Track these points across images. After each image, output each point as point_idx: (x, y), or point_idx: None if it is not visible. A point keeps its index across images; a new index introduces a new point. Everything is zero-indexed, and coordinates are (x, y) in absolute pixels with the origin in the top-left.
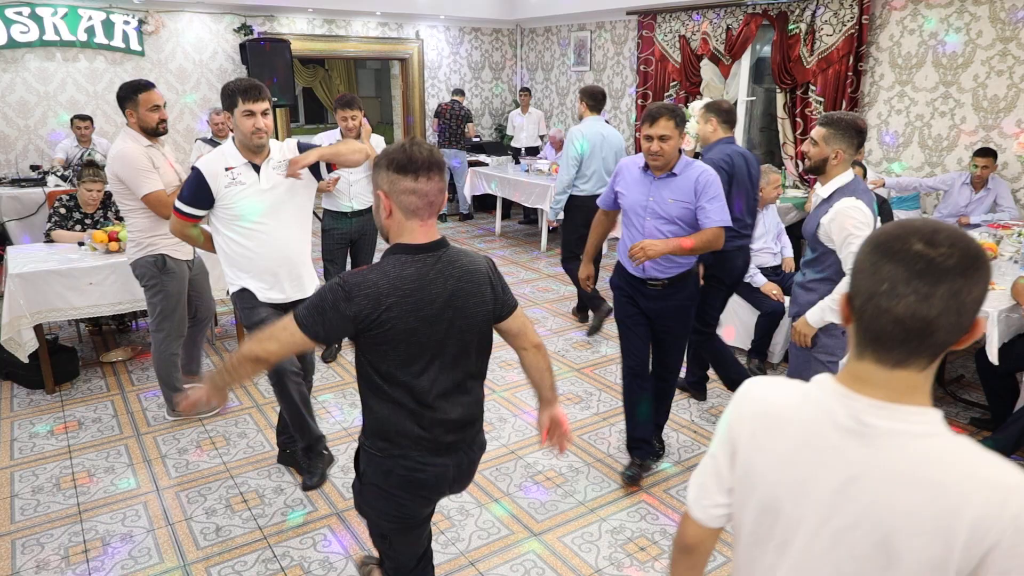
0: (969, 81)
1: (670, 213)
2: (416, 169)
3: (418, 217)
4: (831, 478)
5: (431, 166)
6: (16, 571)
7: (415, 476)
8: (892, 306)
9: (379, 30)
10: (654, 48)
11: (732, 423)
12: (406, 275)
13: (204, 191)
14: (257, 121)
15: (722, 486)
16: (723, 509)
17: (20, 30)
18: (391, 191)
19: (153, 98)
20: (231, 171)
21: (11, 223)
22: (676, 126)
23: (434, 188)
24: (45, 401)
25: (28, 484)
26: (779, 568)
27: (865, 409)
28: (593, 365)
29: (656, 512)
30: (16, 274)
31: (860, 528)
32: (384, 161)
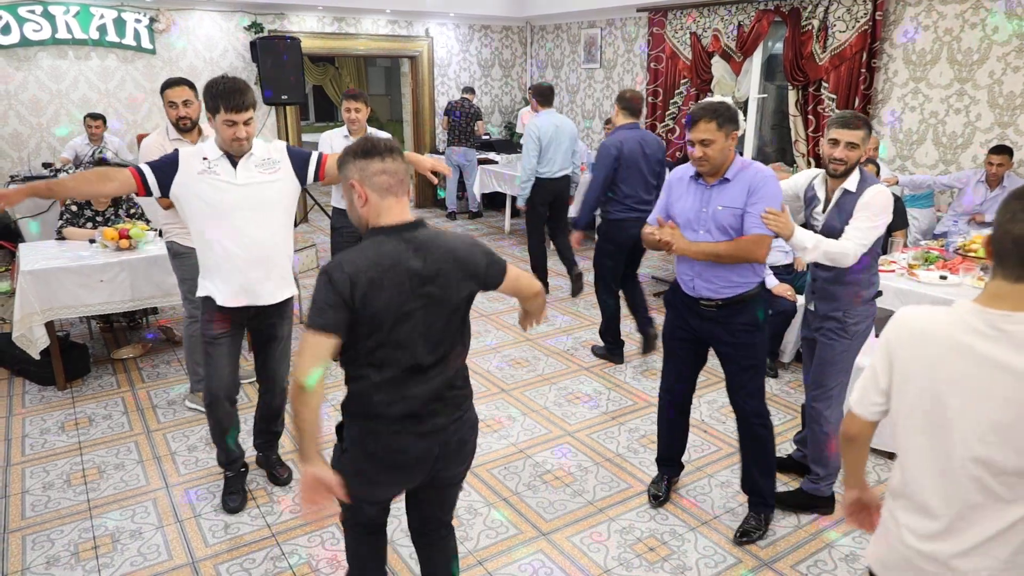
0: (985, 78)
1: (721, 223)
2: (380, 152)
3: (392, 194)
4: (974, 376)
5: (392, 149)
6: (27, 567)
7: (397, 458)
8: (1011, 228)
9: (389, 28)
10: (665, 45)
11: (890, 340)
12: (384, 251)
13: (172, 166)
14: (239, 131)
15: (879, 389)
16: (880, 407)
17: (33, 28)
18: (363, 177)
19: (171, 95)
20: (207, 161)
21: (23, 220)
22: (719, 127)
23: (400, 168)
24: (56, 398)
25: (39, 480)
26: (934, 449)
27: (998, 318)
28: (602, 364)
29: (666, 512)
30: (28, 271)
31: (1000, 411)
32: (349, 154)
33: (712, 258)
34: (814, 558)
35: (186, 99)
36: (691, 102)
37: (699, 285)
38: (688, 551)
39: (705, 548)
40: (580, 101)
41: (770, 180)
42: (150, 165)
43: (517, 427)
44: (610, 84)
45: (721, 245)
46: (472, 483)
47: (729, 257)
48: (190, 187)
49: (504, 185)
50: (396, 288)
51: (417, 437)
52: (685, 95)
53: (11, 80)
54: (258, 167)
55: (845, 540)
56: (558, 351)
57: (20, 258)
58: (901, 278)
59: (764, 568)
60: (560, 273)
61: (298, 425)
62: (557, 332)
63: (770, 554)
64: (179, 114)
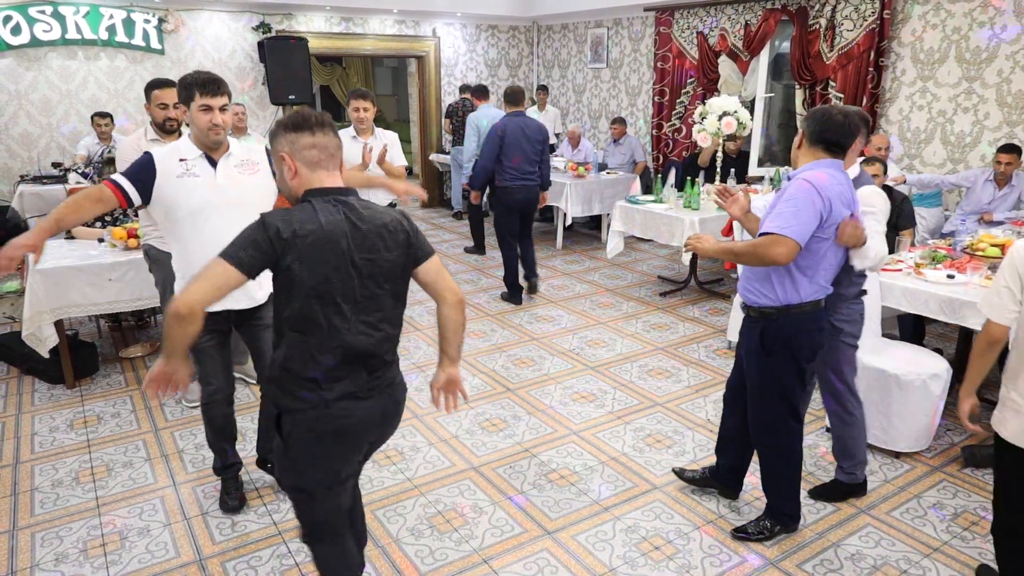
0: (993, 76)
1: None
2: (311, 125)
3: (323, 168)
4: None
5: (323, 123)
6: (36, 563)
7: (340, 423)
8: None
9: (396, 28)
10: (671, 45)
11: (1016, 262)
12: (318, 213)
13: (148, 172)
14: (214, 116)
15: (1014, 299)
16: (1014, 314)
17: (43, 29)
18: (293, 150)
19: (162, 96)
20: (184, 162)
21: (33, 220)
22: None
23: (331, 141)
24: (65, 396)
25: (48, 478)
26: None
27: None
28: (608, 363)
29: (671, 511)
30: (37, 270)
31: None
32: (280, 126)
33: (729, 256)
34: (820, 557)
35: (176, 102)
36: (697, 102)
37: (739, 284)
38: (693, 550)
39: (710, 547)
40: (587, 101)
41: (797, 188)
42: (126, 176)
43: (522, 426)
44: (617, 84)
45: (738, 244)
46: (477, 482)
47: (744, 256)
48: (169, 191)
49: None
50: (331, 250)
51: (356, 402)
52: (692, 94)
53: (21, 80)
54: (237, 167)
55: (851, 539)
56: (563, 350)
57: (30, 257)
58: (908, 277)
59: (769, 567)
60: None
61: (168, 337)
62: (562, 332)
63: (775, 553)
64: (168, 115)
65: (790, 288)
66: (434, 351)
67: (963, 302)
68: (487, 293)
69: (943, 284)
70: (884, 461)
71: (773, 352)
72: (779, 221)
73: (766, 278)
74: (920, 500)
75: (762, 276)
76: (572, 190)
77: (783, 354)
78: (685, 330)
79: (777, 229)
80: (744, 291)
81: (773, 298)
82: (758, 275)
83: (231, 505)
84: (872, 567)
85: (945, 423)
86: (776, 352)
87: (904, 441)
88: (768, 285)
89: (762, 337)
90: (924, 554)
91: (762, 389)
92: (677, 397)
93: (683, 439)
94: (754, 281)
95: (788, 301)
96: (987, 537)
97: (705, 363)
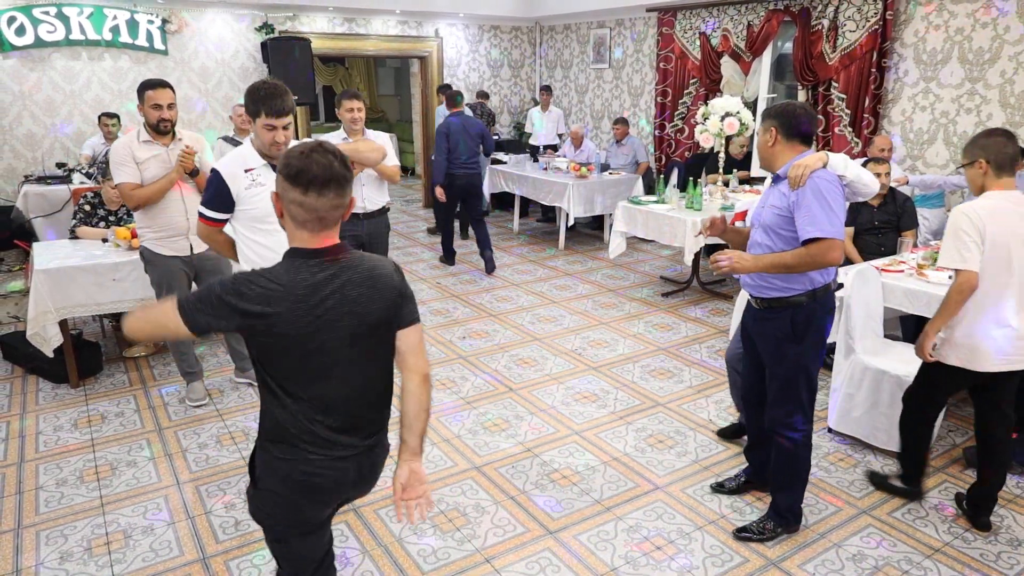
0: (996, 77)
1: (766, 222)
2: (307, 183)
3: (307, 230)
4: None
5: (326, 182)
6: (40, 562)
7: (313, 480)
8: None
9: (399, 28)
10: (674, 45)
11: (975, 220)
12: (299, 280)
13: (225, 194)
14: (277, 135)
15: (979, 249)
16: (979, 265)
17: (47, 29)
18: (282, 196)
19: (155, 96)
20: (251, 172)
21: (37, 220)
22: (761, 121)
23: (325, 204)
24: (69, 395)
25: (52, 477)
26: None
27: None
28: (610, 363)
29: (673, 512)
30: (42, 270)
31: None
32: (282, 163)
33: (783, 270)
34: (821, 557)
35: (170, 102)
36: (700, 102)
37: (745, 280)
38: (695, 550)
39: (712, 547)
40: (589, 101)
41: (814, 179)
42: (208, 205)
43: (524, 426)
44: (619, 84)
45: (788, 255)
46: (479, 481)
47: (801, 266)
48: (240, 203)
49: (513, 185)
50: (309, 318)
51: (334, 462)
52: (694, 95)
53: (25, 81)
54: None
55: (853, 540)
56: (565, 350)
57: (34, 257)
58: (910, 278)
59: (771, 567)
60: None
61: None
62: (565, 332)
63: (777, 553)
64: (162, 116)
65: (816, 271)
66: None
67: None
68: (490, 293)
69: (945, 285)
70: (886, 462)
71: (804, 338)
72: (822, 224)
73: None
74: (922, 501)
75: None
76: (574, 191)
77: (814, 338)
78: (687, 330)
79: (823, 233)
80: (762, 288)
81: (800, 286)
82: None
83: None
84: (874, 567)
85: (947, 424)
86: (807, 337)
87: None
88: (795, 274)
89: (793, 325)
90: (926, 555)
91: (789, 380)
92: (679, 397)
93: (685, 439)
94: (773, 279)
95: (816, 284)
96: (988, 539)
97: (707, 363)
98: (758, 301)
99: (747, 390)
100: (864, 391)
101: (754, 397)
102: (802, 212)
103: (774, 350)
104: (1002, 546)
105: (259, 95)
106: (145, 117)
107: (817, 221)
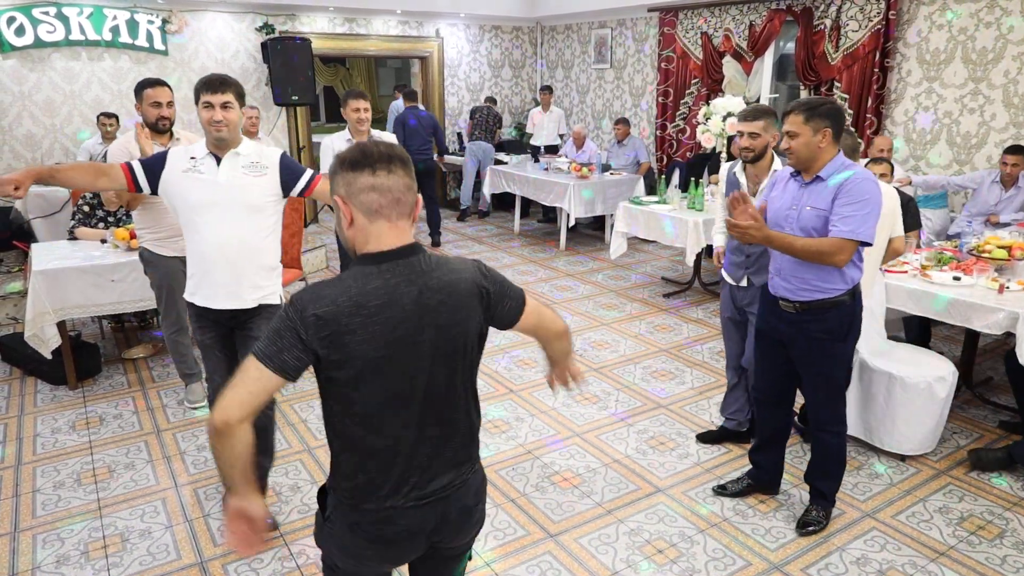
0: (1000, 77)
1: (806, 224)
2: (373, 163)
3: (384, 217)
4: None
5: (391, 159)
6: (37, 565)
7: (384, 532)
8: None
9: (399, 28)
10: (675, 45)
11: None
12: (370, 289)
13: (160, 163)
14: (215, 113)
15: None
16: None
17: (47, 30)
18: (349, 193)
19: (154, 95)
20: (193, 160)
21: (36, 220)
22: (806, 121)
23: (398, 183)
24: (67, 397)
25: (50, 479)
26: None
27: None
28: (612, 365)
29: (675, 514)
30: (40, 271)
31: None
32: (337, 162)
33: (787, 251)
34: (824, 561)
35: (169, 100)
36: (702, 102)
37: (777, 283)
38: (697, 553)
39: (714, 550)
40: (590, 101)
41: (861, 182)
42: (140, 162)
43: (525, 428)
44: (620, 84)
45: (800, 240)
46: None
47: (805, 254)
48: (174, 184)
49: (514, 185)
50: (386, 336)
51: (412, 510)
52: (696, 95)
53: (25, 81)
54: (244, 168)
55: (856, 543)
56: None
57: (32, 258)
58: (914, 279)
59: (774, 571)
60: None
61: (218, 462)
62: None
63: (780, 557)
64: (161, 114)
65: (855, 270)
66: None
67: (969, 304)
68: None
69: (949, 286)
70: (889, 464)
71: (848, 335)
72: (855, 226)
73: (833, 269)
74: (926, 504)
75: (828, 268)
76: (575, 191)
77: (853, 334)
78: (689, 332)
79: (854, 236)
80: (799, 291)
81: (842, 285)
82: (808, 269)
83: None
84: (878, 571)
85: (952, 426)
86: (850, 334)
87: (909, 444)
88: (838, 274)
89: (838, 325)
90: (930, 558)
91: (831, 379)
92: (681, 399)
93: (687, 441)
94: (808, 276)
95: (854, 282)
96: (994, 542)
97: (709, 365)
98: (794, 304)
99: (763, 391)
100: (868, 392)
101: (773, 397)
102: (842, 208)
103: (818, 352)
104: (1007, 550)
105: (200, 81)
106: (144, 116)
107: (852, 222)
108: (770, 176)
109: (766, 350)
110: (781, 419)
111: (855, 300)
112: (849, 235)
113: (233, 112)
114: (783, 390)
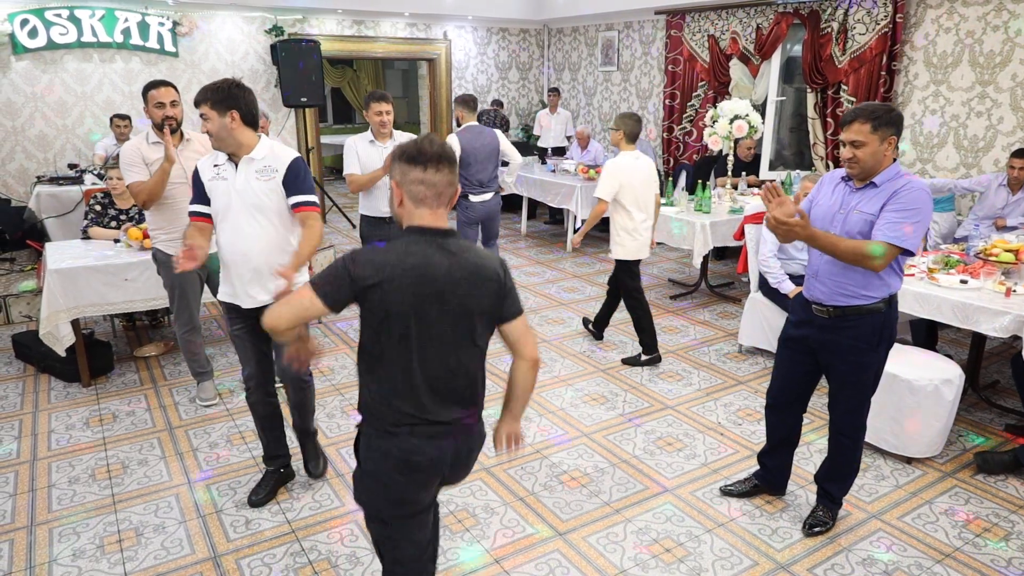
0: (1007, 80)
1: (852, 228)
2: (425, 161)
3: (426, 206)
4: None
5: (440, 159)
6: (54, 558)
7: (411, 459)
8: None
9: (407, 31)
10: (682, 48)
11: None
12: (412, 251)
13: (199, 186)
14: (166, 111)
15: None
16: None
17: (59, 32)
18: (402, 181)
19: (158, 95)
20: (217, 167)
21: (49, 220)
22: (874, 130)
23: (443, 179)
24: (81, 394)
25: (65, 475)
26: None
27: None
28: (619, 366)
29: (682, 514)
30: (54, 270)
31: None
32: (398, 153)
33: (830, 250)
34: (831, 561)
35: (173, 100)
36: (708, 105)
37: (813, 285)
38: (704, 553)
39: (721, 550)
40: (597, 104)
41: (915, 191)
42: (193, 201)
43: (534, 428)
44: (627, 87)
45: (843, 241)
46: (489, 483)
47: (844, 254)
48: (209, 192)
49: (521, 187)
50: (414, 289)
51: (430, 441)
52: (703, 98)
53: (38, 82)
54: (257, 172)
55: (862, 544)
56: (574, 353)
57: (47, 257)
58: (921, 282)
59: (780, 571)
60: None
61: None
62: (574, 335)
63: (787, 557)
64: (166, 114)
65: (895, 278)
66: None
67: (976, 307)
68: None
69: (956, 289)
70: (896, 466)
71: (880, 344)
72: (898, 232)
73: (873, 275)
74: (932, 506)
75: (868, 275)
76: (582, 192)
77: (885, 343)
78: (696, 333)
79: (897, 240)
80: (836, 296)
81: (880, 292)
82: (846, 273)
83: (253, 499)
84: (884, 572)
85: (958, 429)
86: (881, 343)
87: (916, 446)
88: (877, 280)
89: (873, 333)
90: (936, 560)
91: (859, 386)
92: (688, 400)
93: (694, 442)
94: (844, 280)
95: (893, 290)
96: (999, 544)
97: (716, 366)
98: (829, 310)
99: (778, 396)
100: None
101: (791, 398)
102: (890, 213)
103: (853, 359)
104: (1013, 552)
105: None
106: (151, 118)
107: (899, 229)
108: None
109: (789, 358)
110: (793, 423)
111: (891, 308)
112: (894, 240)
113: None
114: (799, 396)
